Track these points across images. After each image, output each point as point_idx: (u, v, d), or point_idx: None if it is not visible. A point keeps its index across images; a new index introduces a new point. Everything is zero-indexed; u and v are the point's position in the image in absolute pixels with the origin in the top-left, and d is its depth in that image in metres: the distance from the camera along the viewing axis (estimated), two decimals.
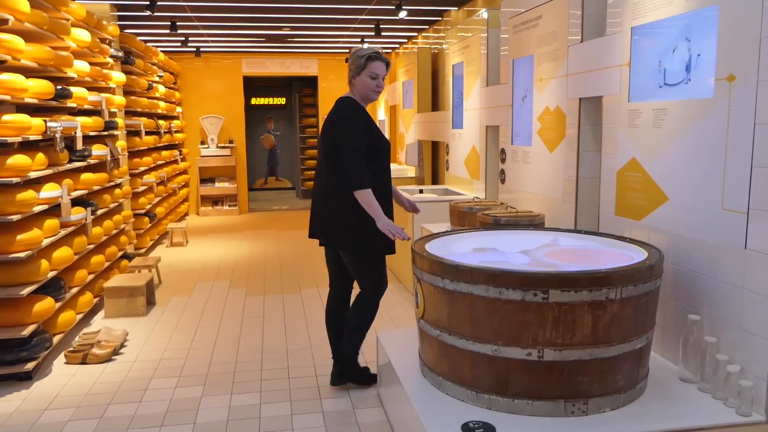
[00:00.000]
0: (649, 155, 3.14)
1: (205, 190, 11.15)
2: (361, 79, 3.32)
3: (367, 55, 3.30)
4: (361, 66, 3.31)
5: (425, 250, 2.84)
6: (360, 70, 3.31)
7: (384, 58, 3.36)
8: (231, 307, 5.42)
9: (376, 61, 3.30)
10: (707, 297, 2.73)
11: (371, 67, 3.29)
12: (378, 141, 3.36)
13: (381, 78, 3.32)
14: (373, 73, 3.29)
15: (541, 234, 3.30)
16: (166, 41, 9.35)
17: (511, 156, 4.95)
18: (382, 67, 3.32)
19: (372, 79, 3.30)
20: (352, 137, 3.24)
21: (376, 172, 3.31)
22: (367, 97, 3.38)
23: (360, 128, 3.29)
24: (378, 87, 3.34)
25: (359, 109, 3.37)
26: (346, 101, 3.40)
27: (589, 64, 3.72)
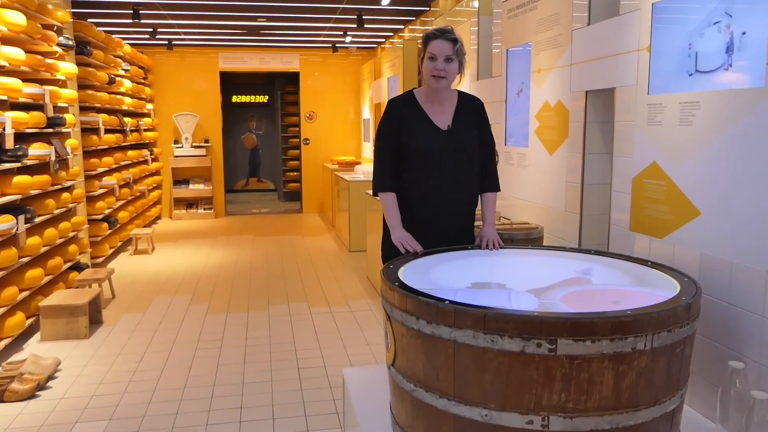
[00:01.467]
0: (674, 159, 2.56)
1: (178, 192, 10.50)
2: (424, 64, 2.71)
3: (426, 35, 2.69)
4: (422, 49, 2.72)
5: (397, 278, 2.24)
6: (422, 53, 2.72)
7: (450, 35, 2.66)
8: (188, 327, 4.80)
9: (435, 40, 2.65)
10: (754, 340, 2.15)
11: (430, 47, 2.66)
12: (412, 141, 2.75)
13: (441, 58, 2.64)
14: (431, 54, 2.65)
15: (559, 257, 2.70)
16: (133, 32, 8.70)
17: (505, 158, 4.36)
18: (445, 45, 2.64)
19: (431, 60, 2.66)
20: (378, 134, 2.84)
21: (408, 180, 2.78)
22: (428, 84, 2.74)
23: (385, 124, 2.81)
24: (436, 70, 2.66)
25: (394, 103, 2.83)
26: (400, 94, 2.92)
27: (598, 50, 3.14)
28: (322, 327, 4.74)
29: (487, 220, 2.91)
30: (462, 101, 2.83)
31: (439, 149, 2.74)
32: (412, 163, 2.76)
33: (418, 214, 2.79)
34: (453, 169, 2.77)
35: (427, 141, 2.74)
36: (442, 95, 2.76)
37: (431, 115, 2.77)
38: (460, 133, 2.78)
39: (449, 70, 2.66)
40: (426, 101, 2.78)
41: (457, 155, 2.76)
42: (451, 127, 2.78)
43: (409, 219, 2.77)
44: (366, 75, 10.16)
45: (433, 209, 2.80)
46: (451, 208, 2.82)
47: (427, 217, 2.80)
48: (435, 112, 2.77)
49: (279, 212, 11.57)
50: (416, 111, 2.77)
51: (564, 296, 1.95)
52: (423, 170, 2.76)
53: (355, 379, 2.89)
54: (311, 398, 3.50)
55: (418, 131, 2.75)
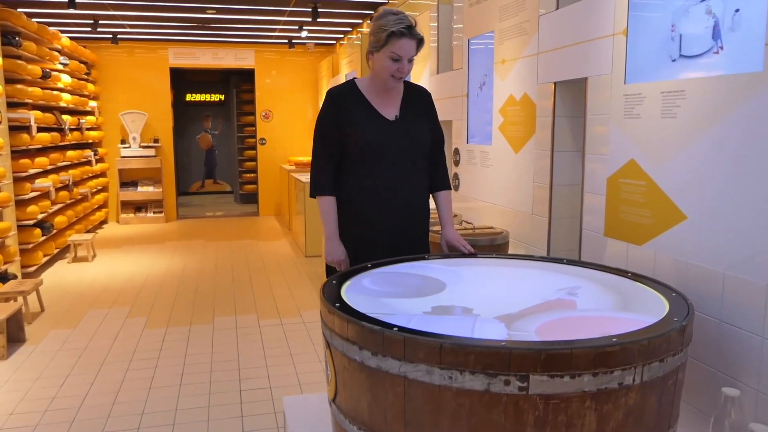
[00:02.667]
0: (656, 157, 2.26)
1: (126, 195, 9.92)
2: (379, 58, 2.37)
3: (390, 30, 2.31)
4: (380, 42, 2.35)
5: (339, 298, 1.88)
6: (379, 46, 2.36)
7: (417, 33, 2.37)
8: (121, 344, 4.34)
9: (402, 39, 2.32)
10: (752, 364, 1.86)
11: (394, 46, 2.32)
12: (356, 133, 2.44)
13: (406, 60, 2.36)
14: (395, 54, 2.33)
15: (532, 269, 2.38)
16: (72, 24, 8.14)
17: (467, 157, 4.05)
18: (411, 46, 2.35)
19: (393, 61, 2.35)
20: (317, 130, 2.52)
21: (353, 176, 2.49)
22: (383, 81, 2.44)
23: (325, 118, 2.48)
24: (400, 72, 2.38)
25: (336, 93, 2.50)
26: (339, 84, 2.59)
27: (567, 36, 2.84)
28: (271, 342, 4.34)
29: (447, 222, 2.63)
30: (409, 91, 2.56)
31: (386, 141, 2.46)
32: (356, 158, 2.46)
33: (364, 218, 2.49)
34: (403, 163, 2.49)
35: (373, 133, 2.46)
36: (388, 91, 2.49)
37: (377, 106, 2.49)
38: (409, 124, 2.51)
39: (409, 70, 2.42)
40: (370, 92, 2.49)
41: (406, 148, 2.49)
42: (399, 118, 2.50)
43: (355, 223, 2.49)
44: (324, 72, 9.78)
45: (382, 211, 2.49)
46: (402, 209, 2.52)
47: (375, 220, 2.49)
48: (381, 103, 2.49)
49: (234, 215, 11.08)
50: (360, 101, 2.48)
51: (540, 326, 1.62)
52: (369, 166, 2.46)
53: (297, 409, 2.52)
54: (252, 427, 3.12)
55: (364, 122, 2.45)
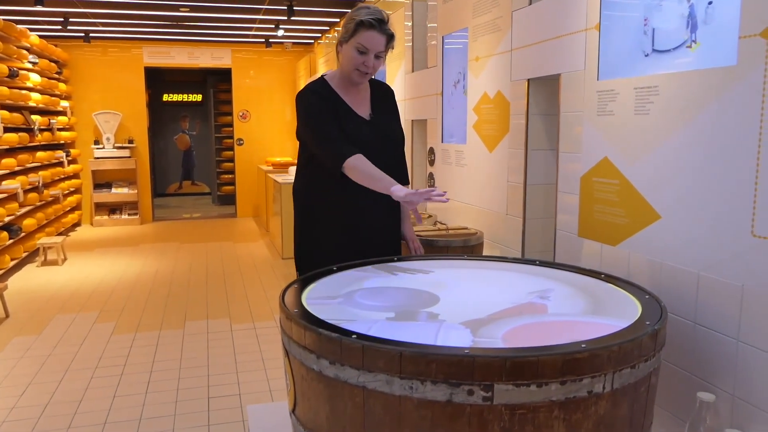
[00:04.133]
0: (629, 155, 2.20)
1: (99, 196, 9.72)
2: (347, 50, 2.29)
3: (359, 20, 2.23)
4: (349, 32, 2.27)
5: (299, 303, 1.79)
6: (347, 36, 2.28)
7: (387, 28, 2.28)
8: (87, 350, 4.20)
9: (370, 31, 2.23)
10: (727, 368, 1.80)
11: (361, 37, 2.23)
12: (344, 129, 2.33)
13: (373, 54, 2.27)
14: (362, 46, 2.24)
15: (502, 271, 2.30)
16: (42, 22, 7.94)
17: (442, 157, 3.97)
18: (380, 40, 2.25)
19: (360, 53, 2.25)
20: (310, 113, 2.33)
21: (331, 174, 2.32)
22: (347, 75, 2.34)
23: (317, 103, 2.32)
24: (365, 66, 2.28)
25: (313, 87, 2.38)
26: (313, 81, 2.45)
27: (540, 32, 2.78)
28: (243, 347, 4.23)
29: (406, 217, 2.59)
30: (376, 89, 2.50)
31: (367, 140, 2.36)
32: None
33: (346, 216, 2.40)
34: (380, 163, 2.34)
35: (355, 131, 2.36)
36: (356, 86, 2.42)
37: (351, 104, 2.41)
38: (383, 123, 2.46)
39: (376, 67, 2.34)
40: (341, 89, 2.41)
41: (384, 146, 2.42)
42: (373, 117, 2.44)
43: (335, 222, 2.40)
44: (302, 71, 9.67)
45: (364, 209, 2.40)
46: (382, 206, 2.43)
47: (358, 218, 2.41)
48: (353, 101, 2.42)
49: (212, 217, 10.92)
50: (335, 99, 2.38)
51: (507, 332, 1.54)
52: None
53: (261, 418, 2.42)
54: None
55: (344, 121, 2.34)
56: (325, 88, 2.39)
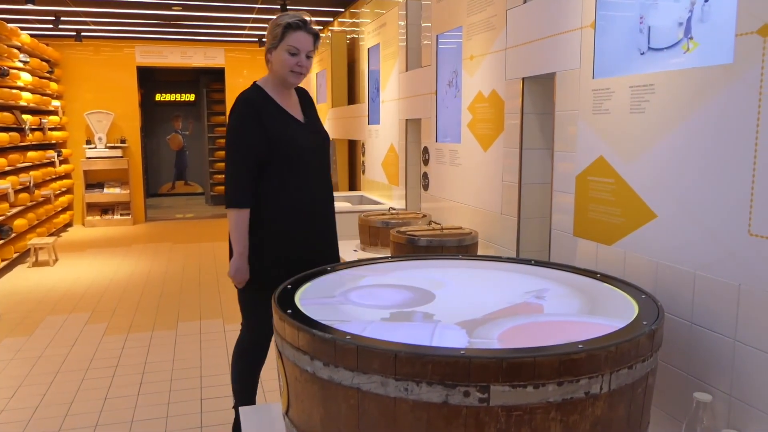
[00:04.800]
0: (625, 154, 2.19)
1: (91, 196, 9.65)
2: (278, 55, 2.45)
3: (286, 23, 2.42)
4: (276, 37, 2.44)
5: (292, 304, 1.76)
6: (276, 42, 2.44)
7: (312, 27, 2.47)
8: (78, 351, 4.16)
9: (298, 32, 2.42)
10: (724, 367, 1.79)
11: (291, 39, 2.42)
12: (279, 138, 2.44)
13: (304, 54, 2.45)
14: (292, 47, 2.42)
15: (498, 271, 2.29)
16: (33, 21, 7.88)
17: (436, 156, 3.96)
18: (308, 40, 2.45)
19: (291, 55, 2.43)
20: (234, 137, 2.45)
21: (281, 182, 2.47)
22: (283, 78, 2.48)
23: (246, 124, 2.43)
24: (299, 66, 2.45)
25: (251, 97, 2.48)
26: (247, 89, 2.55)
27: (535, 31, 2.76)
28: None
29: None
30: (300, 95, 2.66)
31: (308, 144, 2.53)
32: (281, 163, 2.45)
33: (295, 219, 2.51)
34: (320, 164, 2.61)
35: (297, 135, 2.50)
36: (289, 88, 2.56)
37: (286, 108, 2.54)
38: (316, 126, 2.64)
39: (309, 66, 2.51)
40: (275, 94, 2.53)
41: (321, 150, 2.62)
42: (306, 120, 2.60)
43: (284, 226, 2.50)
44: None
45: (311, 212, 2.56)
46: (325, 208, 2.64)
47: (305, 221, 2.54)
48: (287, 105, 2.55)
49: (205, 217, 10.87)
50: (273, 105, 2.50)
51: (503, 333, 1.52)
52: (299, 169, 2.49)
53: (254, 420, 2.39)
54: None
55: (284, 125, 2.48)
56: (260, 94, 2.49)
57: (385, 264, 2.29)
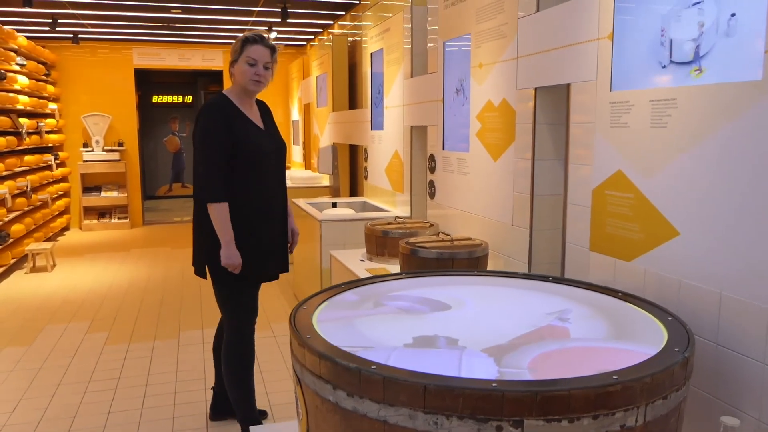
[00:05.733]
0: (645, 168, 2.14)
1: (89, 200, 9.57)
2: (239, 67, 2.78)
3: (243, 38, 2.78)
4: (237, 51, 2.79)
5: (311, 327, 1.71)
6: (237, 55, 2.79)
7: (268, 42, 2.81)
8: (80, 362, 4.10)
9: (255, 45, 2.76)
10: (753, 391, 1.75)
11: (249, 51, 2.75)
12: (244, 141, 2.76)
13: (262, 65, 2.77)
14: (250, 59, 2.75)
15: (516, 288, 2.24)
16: (30, 23, 7.79)
17: (443, 164, 3.91)
18: (264, 52, 2.77)
19: (250, 65, 2.75)
20: (206, 137, 2.72)
21: (245, 181, 2.79)
22: (244, 87, 2.80)
23: (216, 125, 2.72)
24: (257, 75, 2.77)
25: (220, 103, 2.79)
26: (215, 97, 2.86)
27: (548, 40, 2.72)
28: None
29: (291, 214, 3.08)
30: (260, 106, 2.96)
31: (268, 149, 2.85)
32: (245, 166, 2.74)
33: (254, 220, 2.81)
34: (279, 169, 2.94)
35: (259, 139, 2.82)
36: (251, 98, 2.86)
37: (249, 116, 2.83)
38: (274, 134, 2.95)
39: (267, 77, 2.80)
40: (239, 104, 2.81)
41: (278, 156, 2.93)
42: (266, 128, 2.91)
43: (244, 225, 2.75)
44: (294, 74, 9.58)
45: (270, 213, 2.87)
46: (281, 210, 2.96)
47: (264, 221, 2.85)
48: (250, 114, 2.84)
49: None
50: (237, 112, 2.79)
51: (532, 361, 1.47)
52: (260, 171, 2.80)
53: None
54: None
55: (249, 130, 2.78)
56: (226, 101, 2.78)
57: (399, 281, 2.24)
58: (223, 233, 2.69)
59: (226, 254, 2.70)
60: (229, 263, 2.72)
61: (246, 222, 2.77)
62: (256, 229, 2.82)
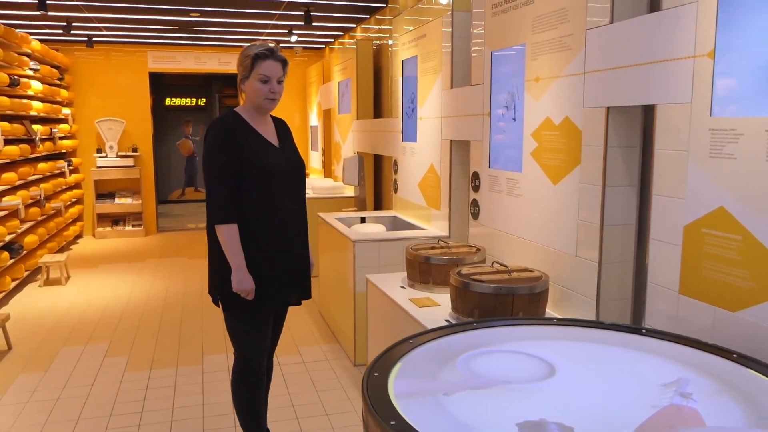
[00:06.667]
0: (757, 206, 1.86)
1: (102, 207, 9.35)
2: (251, 85, 2.63)
3: (254, 54, 2.59)
4: (247, 67, 2.61)
5: (391, 407, 1.44)
6: (247, 72, 2.62)
7: (279, 55, 2.65)
8: (100, 391, 3.85)
9: (266, 60, 2.59)
10: None
11: (261, 68, 2.59)
12: (253, 159, 2.58)
13: (275, 80, 2.63)
14: (263, 76, 2.60)
15: (600, 344, 1.96)
16: (44, 27, 7.57)
17: (489, 183, 3.63)
18: (276, 67, 2.62)
19: (263, 83, 2.60)
20: (213, 157, 2.56)
21: (257, 201, 2.61)
22: (258, 105, 2.66)
23: (224, 144, 2.56)
24: (271, 93, 2.63)
25: (227, 120, 2.65)
26: (224, 114, 2.71)
27: (627, 55, 2.44)
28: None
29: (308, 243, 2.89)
30: (276, 123, 2.82)
31: (281, 167, 2.68)
32: (255, 185, 2.57)
33: (268, 242, 2.64)
34: (295, 187, 2.76)
35: (271, 157, 2.65)
36: (265, 115, 2.73)
37: (262, 134, 2.70)
38: (290, 151, 2.79)
39: (280, 92, 2.67)
40: (251, 120, 2.68)
41: (295, 174, 2.76)
42: (281, 146, 2.76)
43: (257, 247, 2.59)
44: (313, 78, 9.31)
45: (286, 233, 2.69)
46: (300, 231, 2.79)
47: (280, 243, 2.67)
48: (264, 131, 2.71)
49: None
50: (249, 129, 2.65)
51: None
52: (273, 190, 2.63)
53: None
54: None
55: (260, 148, 2.63)
56: (236, 118, 2.64)
57: (472, 334, 1.97)
58: (232, 256, 2.53)
59: (237, 279, 2.55)
60: (241, 288, 2.56)
61: (259, 244, 2.61)
62: (270, 251, 2.65)
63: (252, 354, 2.79)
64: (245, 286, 2.56)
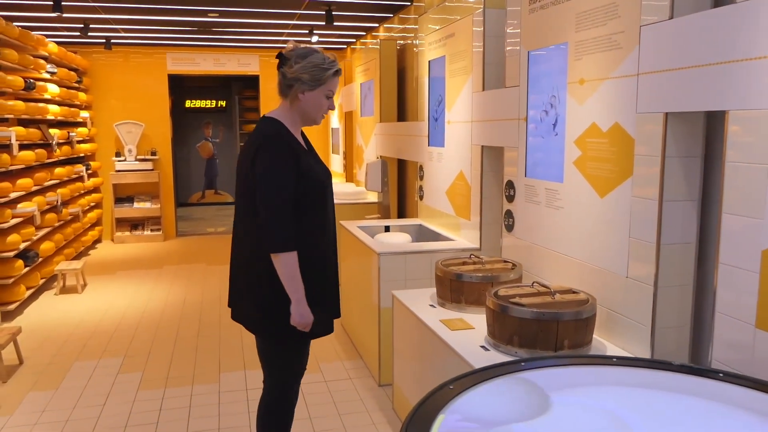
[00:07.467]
0: None
1: (121, 211, 9.23)
2: (315, 96, 2.47)
3: (333, 70, 2.47)
4: (320, 80, 2.45)
5: None
6: (317, 84, 2.45)
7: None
8: (112, 411, 3.66)
9: (335, 77, 2.50)
10: None
11: (332, 84, 2.48)
12: (309, 175, 2.43)
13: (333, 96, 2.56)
14: (331, 92, 2.50)
15: (671, 392, 1.70)
16: (61, 29, 7.44)
17: (525, 193, 3.36)
18: (338, 83, 2.55)
19: (327, 98, 2.50)
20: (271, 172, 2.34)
21: (314, 222, 2.47)
22: (312, 119, 2.54)
23: (283, 157, 2.37)
24: (331, 108, 2.54)
25: (282, 134, 2.44)
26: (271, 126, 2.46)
27: (690, 55, 2.16)
28: None
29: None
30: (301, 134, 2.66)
31: (322, 177, 2.54)
32: (311, 201, 2.43)
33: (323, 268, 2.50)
34: (332, 202, 2.62)
35: (315, 168, 2.50)
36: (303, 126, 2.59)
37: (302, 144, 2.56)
38: (322, 162, 2.63)
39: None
40: (293, 131, 2.51)
41: (330, 182, 2.61)
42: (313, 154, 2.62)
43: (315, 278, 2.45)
44: None
45: (334, 257, 2.59)
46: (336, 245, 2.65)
47: (330, 268, 2.54)
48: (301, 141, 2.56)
49: None
50: (296, 141, 2.49)
51: None
52: (325, 208, 2.51)
53: None
54: None
55: (313, 164, 2.49)
56: (285, 130, 2.45)
57: (523, 375, 1.71)
58: (294, 289, 2.35)
59: (299, 312, 2.36)
60: (302, 322, 2.39)
61: (314, 271, 2.46)
62: (327, 278, 2.53)
63: (293, 379, 2.63)
64: (306, 320, 2.39)
